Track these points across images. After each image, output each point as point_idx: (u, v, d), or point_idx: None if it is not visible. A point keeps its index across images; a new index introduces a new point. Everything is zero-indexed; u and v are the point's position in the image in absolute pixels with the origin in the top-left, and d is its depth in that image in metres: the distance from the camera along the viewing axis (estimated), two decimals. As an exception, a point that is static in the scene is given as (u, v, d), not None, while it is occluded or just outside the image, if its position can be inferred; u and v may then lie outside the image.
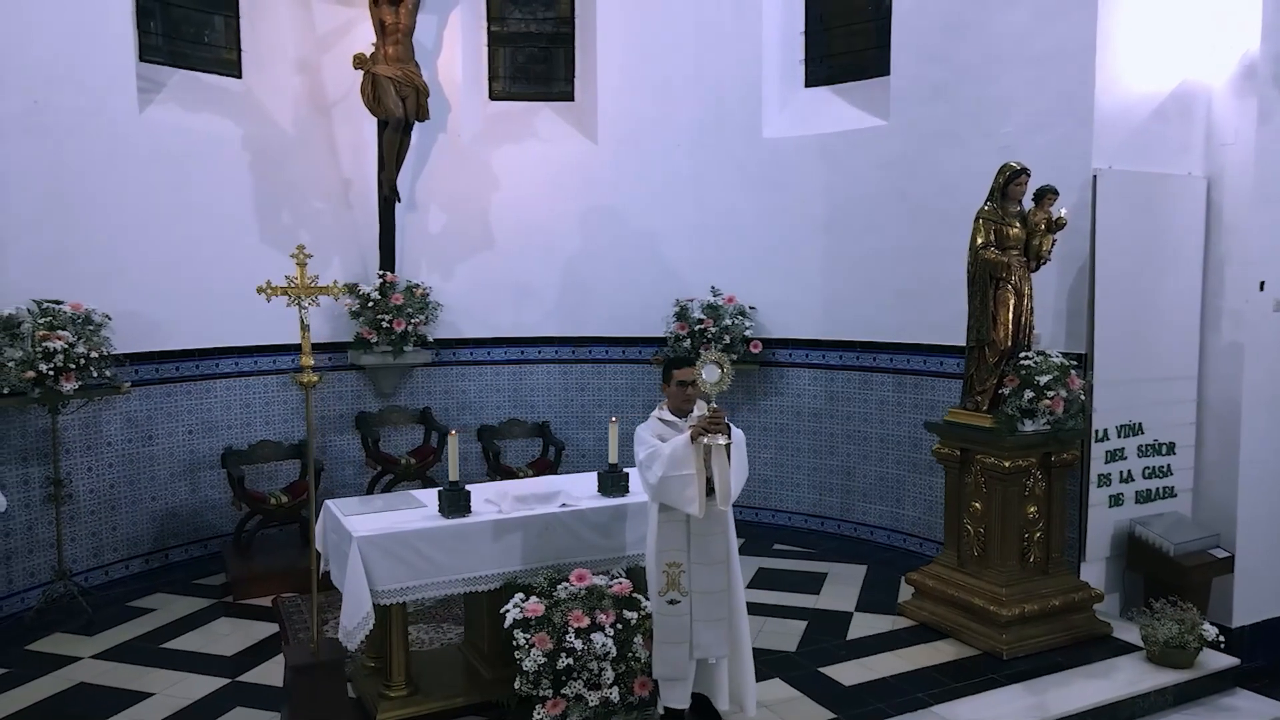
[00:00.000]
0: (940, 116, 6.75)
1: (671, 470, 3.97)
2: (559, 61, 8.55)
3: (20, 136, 5.91)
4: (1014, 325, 5.39)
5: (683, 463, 3.96)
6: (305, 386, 4.27)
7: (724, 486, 3.98)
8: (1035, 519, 5.40)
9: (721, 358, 4.03)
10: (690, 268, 8.02)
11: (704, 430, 3.94)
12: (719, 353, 4.07)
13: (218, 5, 7.43)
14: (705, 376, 4.00)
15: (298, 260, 4.41)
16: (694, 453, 3.96)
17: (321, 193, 7.71)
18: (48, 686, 4.87)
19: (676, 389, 4.26)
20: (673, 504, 4.04)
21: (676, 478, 3.96)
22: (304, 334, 4.34)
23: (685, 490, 3.97)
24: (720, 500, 4.01)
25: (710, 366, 4.00)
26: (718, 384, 4.00)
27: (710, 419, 3.95)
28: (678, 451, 3.97)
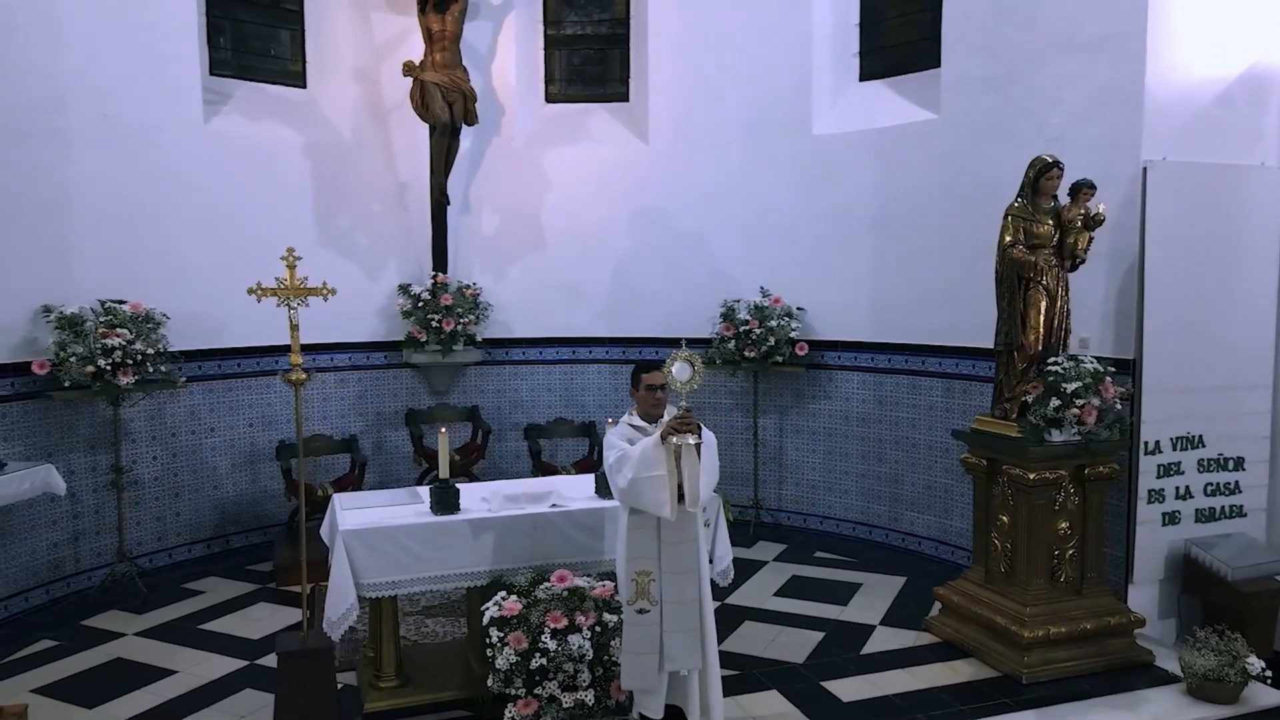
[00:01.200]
0: (990, 108, 6.42)
1: (642, 472, 3.91)
2: (614, 62, 8.58)
3: (90, 148, 6.36)
4: (1045, 329, 5.07)
5: (653, 464, 3.90)
6: (294, 384, 4.42)
7: (694, 488, 3.90)
8: (1066, 535, 5.06)
9: (692, 355, 3.97)
10: (740, 268, 7.89)
11: (674, 430, 3.88)
12: (689, 351, 4.00)
13: (285, 19, 7.80)
14: (676, 374, 3.94)
15: (287, 263, 4.57)
16: (664, 454, 3.90)
17: (378, 196, 7.98)
18: (88, 660, 5.23)
19: (645, 393, 4.21)
20: (644, 507, 3.98)
21: (647, 479, 3.91)
22: (293, 334, 4.52)
23: (657, 492, 3.91)
24: (689, 502, 3.93)
25: (681, 364, 3.94)
26: (688, 382, 3.94)
27: (680, 418, 3.89)
28: (648, 453, 3.92)
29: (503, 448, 8.27)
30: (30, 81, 6.00)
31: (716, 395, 8.12)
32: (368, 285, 7.92)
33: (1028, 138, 6.08)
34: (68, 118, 6.23)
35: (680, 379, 3.93)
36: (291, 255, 4.58)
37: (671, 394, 4.06)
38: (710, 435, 4.03)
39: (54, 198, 6.18)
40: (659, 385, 4.17)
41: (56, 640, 5.51)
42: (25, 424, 6.00)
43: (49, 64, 6.10)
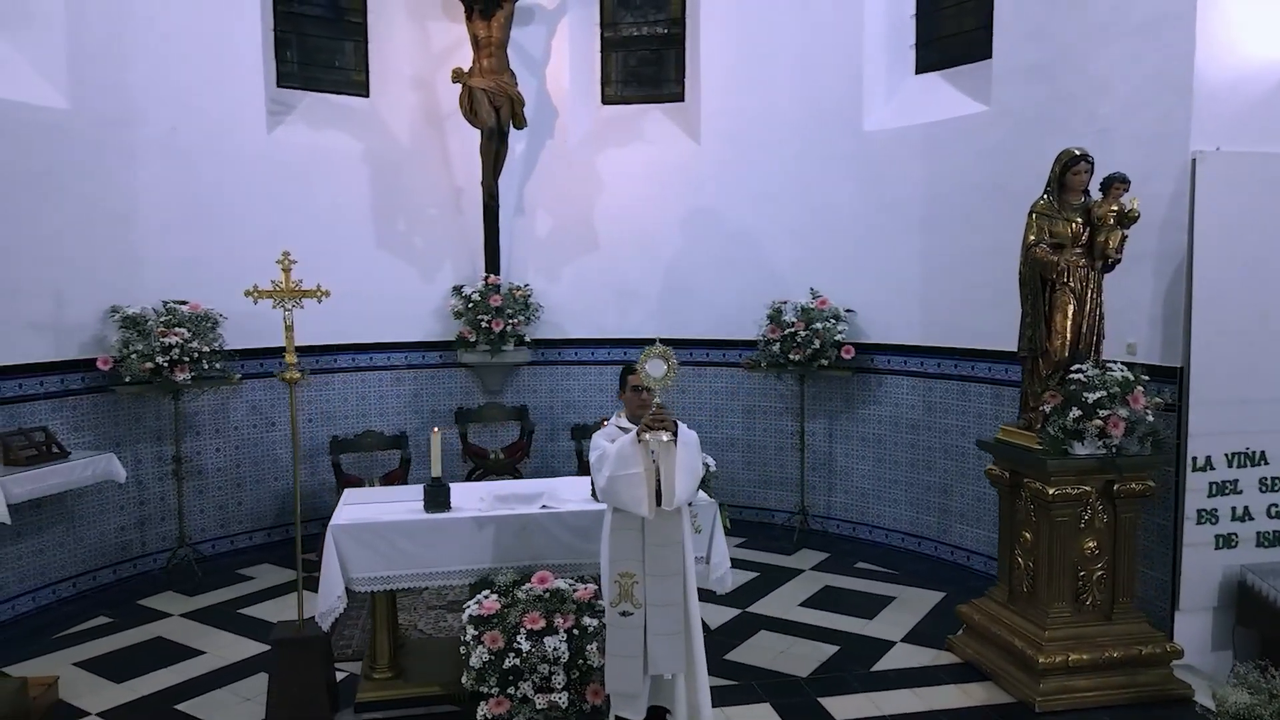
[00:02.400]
0: (1040, 99, 6.06)
1: (619, 470, 3.88)
2: (669, 63, 8.54)
3: (158, 159, 6.81)
4: (1073, 334, 4.75)
5: (629, 462, 3.87)
6: (290, 383, 4.59)
7: (670, 487, 3.84)
8: (1094, 555, 4.72)
9: (666, 352, 3.92)
10: (790, 269, 7.72)
11: (648, 427, 3.84)
12: (664, 347, 3.95)
13: (349, 32, 8.13)
14: (650, 371, 3.91)
15: (283, 266, 4.73)
16: (642, 452, 3.86)
17: (435, 200, 8.21)
18: (132, 637, 5.61)
19: (631, 395, 4.18)
20: (622, 506, 3.96)
21: (624, 477, 3.87)
22: (288, 335, 4.68)
23: (634, 490, 3.87)
24: (665, 501, 3.87)
25: (655, 361, 3.91)
26: (662, 379, 3.89)
27: (654, 415, 3.84)
28: (624, 450, 3.89)
29: (554, 447, 8.36)
30: (102, 97, 6.46)
31: (767, 398, 7.98)
32: (423, 286, 8.16)
33: (1077, 129, 5.71)
34: (138, 130, 6.69)
35: (654, 375, 3.89)
36: (287, 259, 4.77)
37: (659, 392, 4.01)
38: (691, 434, 3.96)
39: (124, 206, 6.64)
40: (642, 387, 4.13)
41: (111, 618, 5.93)
42: (94, 416, 6.48)
43: (120, 80, 6.56)
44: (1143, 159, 5.21)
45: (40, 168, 6.10)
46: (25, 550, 6.03)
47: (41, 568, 6.14)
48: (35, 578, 6.09)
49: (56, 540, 6.24)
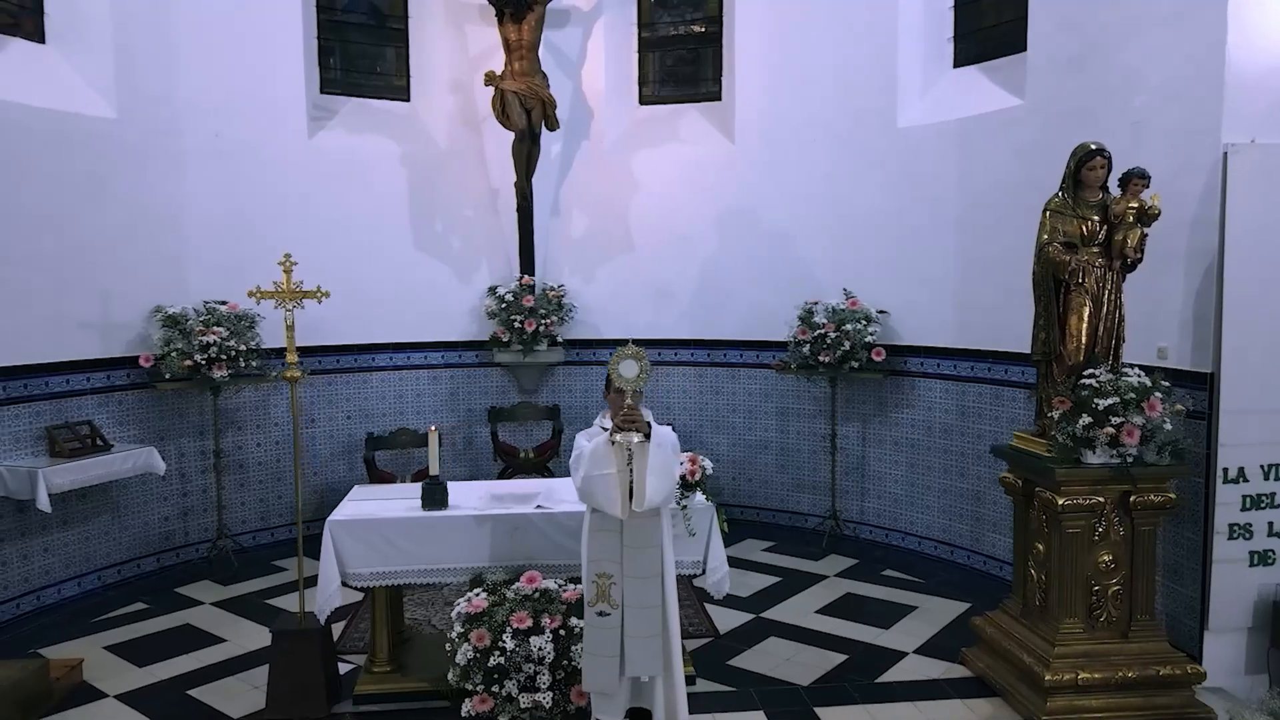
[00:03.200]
0: (1074, 92, 5.81)
1: (593, 470, 3.90)
2: (706, 62, 8.48)
3: (203, 164, 7.08)
4: (1089, 337, 4.53)
5: (603, 462, 3.87)
6: (290, 382, 4.72)
7: (640, 487, 3.82)
8: (1109, 569, 4.50)
9: (639, 353, 3.91)
10: (824, 269, 7.59)
11: (619, 427, 3.83)
12: (635, 348, 3.94)
13: (391, 38, 8.32)
14: (623, 372, 3.90)
15: (284, 267, 4.85)
16: (616, 452, 3.86)
17: (471, 202, 8.33)
18: (163, 624, 5.85)
19: (615, 396, 4.15)
20: (597, 506, 3.96)
21: (598, 477, 3.89)
22: (289, 334, 4.79)
23: (608, 491, 3.88)
24: (635, 502, 3.85)
25: (628, 362, 3.90)
26: (635, 379, 3.89)
27: (624, 416, 3.83)
28: (599, 450, 3.89)
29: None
30: (149, 107, 6.76)
31: (800, 401, 7.86)
32: (460, 287, 8.29)
33: (1110, 123, 5.46)
34: (182, 138, 6.97)
35: (627, 376, 3.89)
36: (288, 260, 4.88)
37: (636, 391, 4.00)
38: (667, 436, 3.93)
39: (169, 210, 6.93)
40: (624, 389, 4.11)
41: (148, 604, 6.20)
42: (139, 410, 6.78)
43: (165, 90, 6.85)
44: (1175, 153, 4.96)
45: (89, 174, 6.41)
46: (72, 538, 6.35)
47: (87, 555, 6.45)
48: (81, 564, 6.41)
49: (102, 529, 6.56)
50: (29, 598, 6.05)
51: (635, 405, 3.90)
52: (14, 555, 5.95)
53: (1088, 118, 5.65)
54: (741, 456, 8.19)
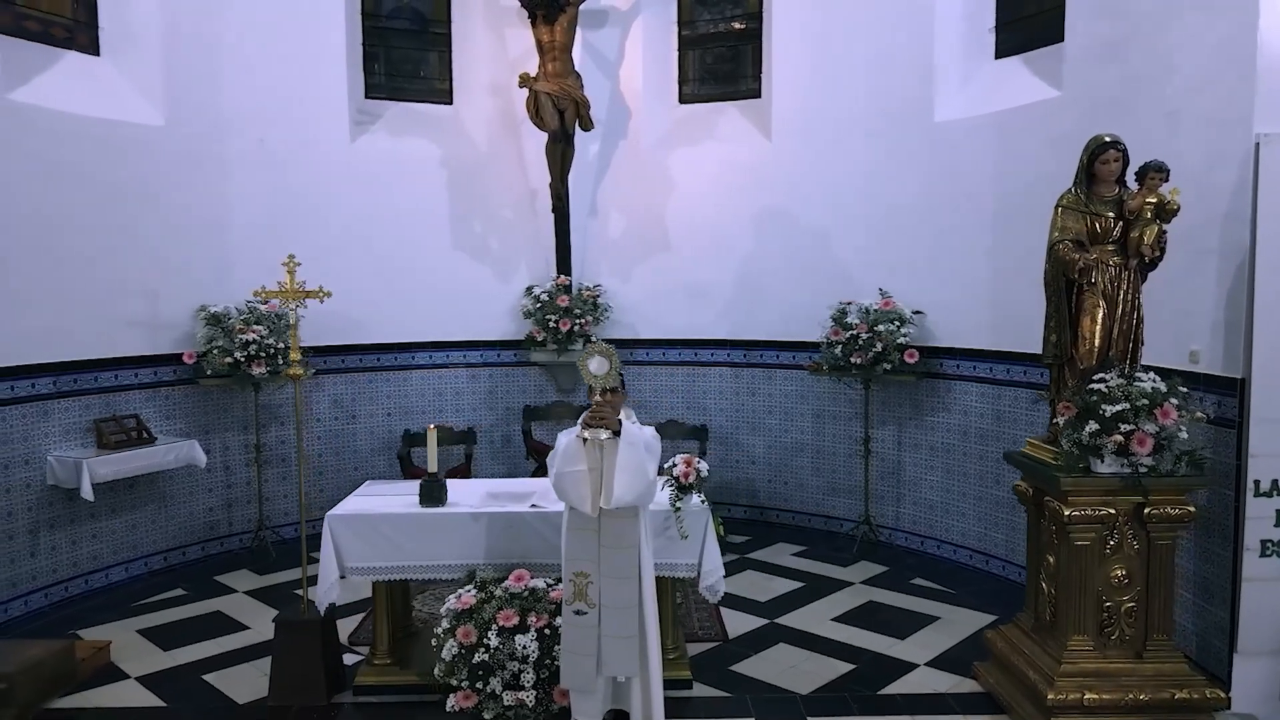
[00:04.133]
0: (1110, 81, 5.53)
1: (564, 466, 3.93)
2: (746, 59, 8.39)
3: (248, 169, 7.35)
4: (1102, 339, 4.31)
5: (574, 459, 3.90)
6: (295, 379, 4.85)
7: (608, 485, 3.81)
8: (1122, 584, 4.26)
9: (608, 349, 3.92)
10: (860, 268, 7.41)
11: (586, 424, 3.84)
12: (604, 344, 3.96)
13: (434, 43, 8.49)
14: (591, 369, 3.92)
15: (288, 268, 4.98)
16: (587, 450, 3.87)
17: (510, 203, 8.43)
18: (196, 610, 6.10)
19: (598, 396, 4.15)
20: (569, 503, 4.00)
21: (569, 474, 3.92)
22: (293, 332, 4.91)
23: (578, 488, 3.91)
24: (603, 499, 3.84)
25: (597, 359, 3.92)
26: (605, 376, 3.90)
27: (591, 412, 3.84)
28: (570, 447, 3.92)
29: (622, 447, 8.38)
30: (196, 114, 7.05)
31: (836, 403, 7.70)
32: (499, 286, 8.39)
33: (1145, 113, 5.19)
34: (228, 144, 7.25)
35: (596, 373, 3.90)
36: (291, 261, 5.00)
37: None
38: (640, 434, 3.91)
39: (215, 213, 7.21)
40: (609, 387, 4.11)
41: (186, 591, 6.47)
42: (185, 405, 7.08)
43: (212, 98, 7.13)
44: (1207, 144, 4.68)
45: (139, 180, 6.72)
46: (120, 525, 6.68)
47: (134, 542, 6.78)
48: (128, 550, 6.73)
49: (149, 517, 6.87)
50: (78, 581, 6.38)
51: (607, 403, 3.89)
52: (64, 541, 6.29)
53: (1124, 108, 5.38)
54: (777, 459, 8.07)
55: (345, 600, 5.65)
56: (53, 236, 6.18)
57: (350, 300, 7.63)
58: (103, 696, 4.81)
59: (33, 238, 6.05)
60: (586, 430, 3.80)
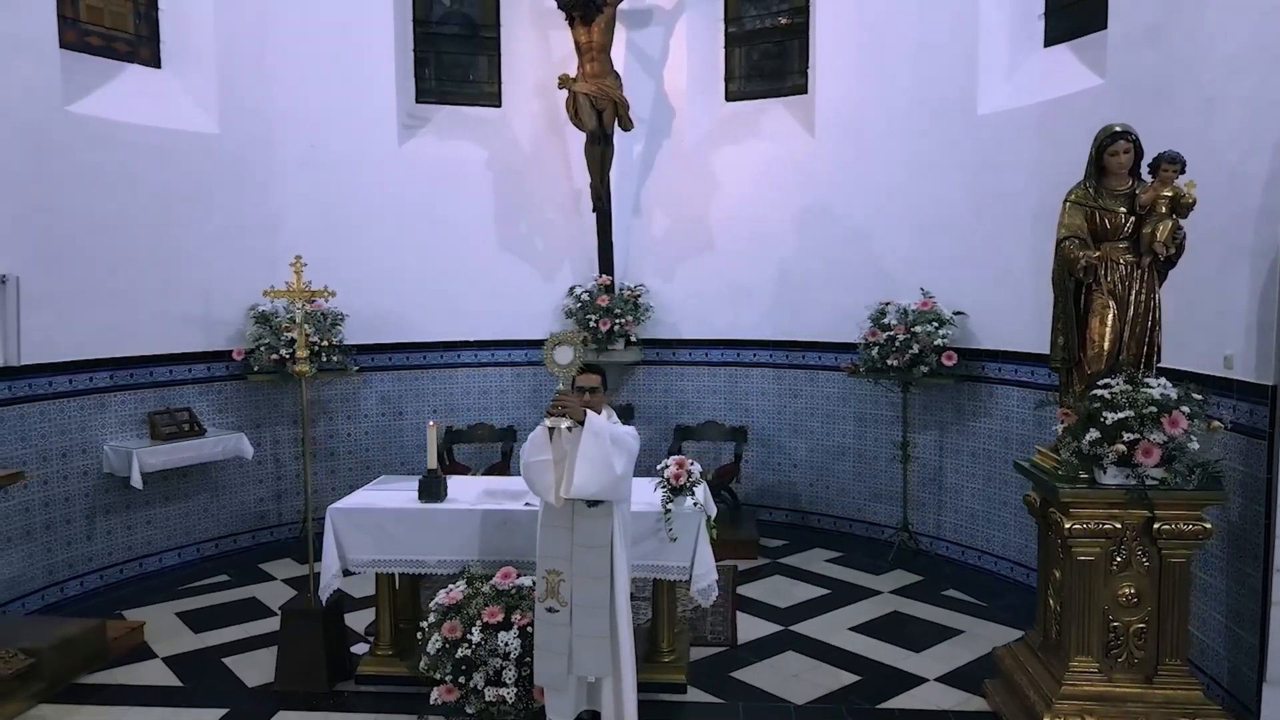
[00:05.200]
0: (1150, 67, 5.20)
1: (531, 456, 3.98)
2: (793, 54, 8.24)
3: (299, 173, 7.65)
4: (1111, 343, 4.05)
5: (540, 449, 3.95)
6: (301, 375, 5.01)
7: (569, 474, 3.81)
8: (1130, 603, 4.00)
9: (574, 338, 3.93)
10: (903, 268, 7.19)
11: (548, 413, 3.86)
12: (568, 332, 3.97)
13: (484, 47, 8.64)
14: (557, 358, 3.95)
15: (295, 268, 5.13)
16: (552, 439, 3.90)
17: (555, 203, 8.50)
18: (233, 595, 6.38)
19: (576, 392, 4.16)
20: (536, 492, 4.05)
21: (534, 463, 3.97)
22: (300, 330, 5.07)
23: (543, 477, 3.97)
24: (563, 489, 3.85)
25: (562, 348, 3.95)
26: (569, 366, 3.92)
27: (555, 401, 3.85)
28: (536, 437, 3.97)
29: (662, 447, 8.34)
30: (248, 121, 7.37)
31: (878, 406, 7.49)
32: (544, 286, 8.48)
33: (1184, 101, 4.87)
34: (280, 149, 7.55)
35: (561, 362, 3.92)
36: (299, 262, 5.15)
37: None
38: (605, 425, 3.88)
39: (268, 216, 7.52)
40: (586, 387, 4.14)
41: (230, 577, 6.78)
42: (237, 399, 7.42)
43: (263, 106, 7.44)
44: (1241, 131, 4.34)
45: (194, 185, 7.07)
46: (174, 512, 7.04)
47: (187, 529, 7.14)
48: (181, 536, 7.09)
49: (202, 506, 7.23)
50: (132, 564, 6.76)
51: (572, 394, 3.90)
52: (119, 526, 6.68)
53: (1164, 96, 5.06)
54: (819, 462, 7.90)
55: (365, 593, 5.83)
56: (111, 239, 6.55)
57: (398, 299, 7.96)
58: (128, 674, 5.08)
59: (92, 240, 6.43)
60: (549, 419, 3.82)
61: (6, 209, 5.86)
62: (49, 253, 6.13)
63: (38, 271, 6.03)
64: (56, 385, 6.24)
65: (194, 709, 4.66)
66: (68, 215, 6.27)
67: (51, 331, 6.13)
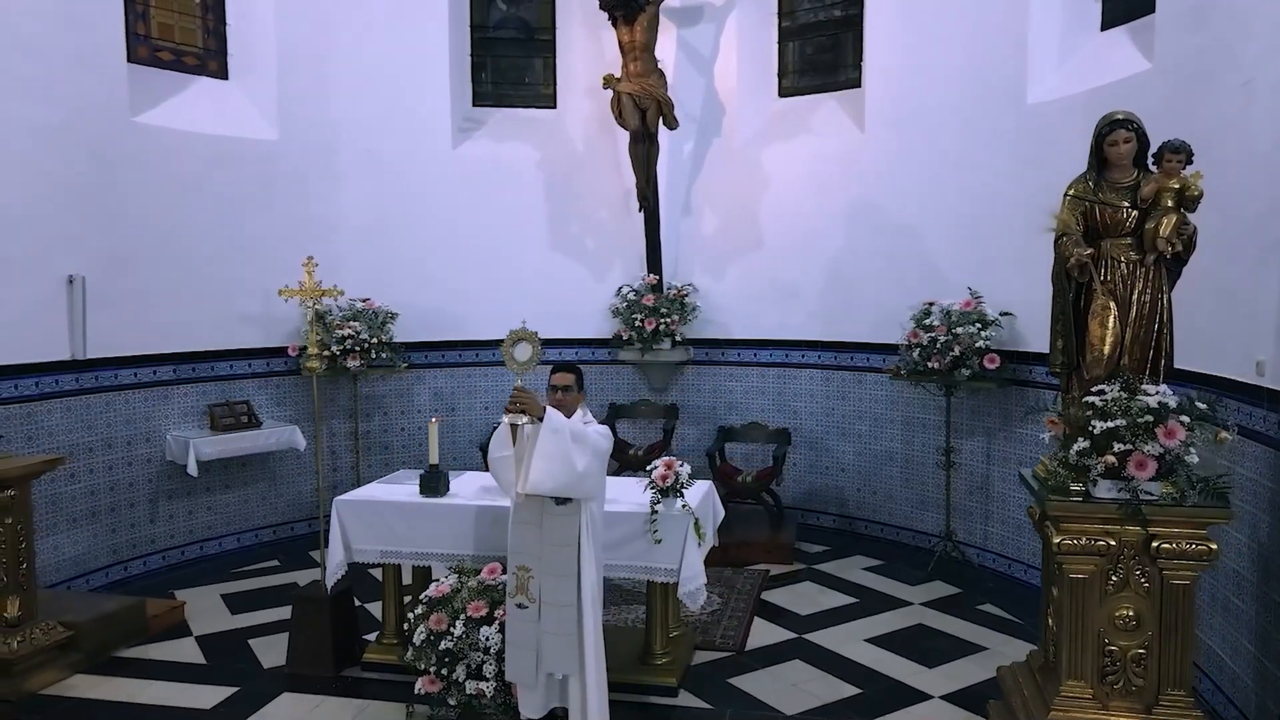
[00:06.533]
0: (1195, 49, 4.84)
1: (494, 452, 4.07)
2: (847, 47, 8.02)
3: (356, 178, 7.95)
4: (1112, 347, 3.78)
5: (502, 444, 4.03)
6: (312, 372, 5.20)
7: (525, 470, 3.84)
8: (1128, 626, 3.72)
9: (531, 335, 3.96)
10: (952, 266, 6.91)
11: (506, 409, 3.90)
12: (526, 329, 4.00)
13: (539, 50, 8.77)
14: (515, 355, 4.00)
15: (307, 269, 5.31)
16: (516, 436, 3.95)
17: (606, 203, 8.54)
18: (277, 580, 6.71)
19: (549, 392, 4.20)
20: (501, 487, 4.15)
21: (499, 459, 4.06)
22: (311, 328, 5.26)
23: (505, 473, 4.06)
24: (519, 484, 3.88)
25: (522, 345, 4.01)
26: (527, 363, 3.97)
27: (512, 397, 3.89)
28: (499, 433, 4.04)
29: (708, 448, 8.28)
30: (308, 128, 7.71)
31: (926, 410, 7.22)
32: (594, 285, 8.54)
33: (1226, 83, 4.52)
34: (337, 155, 7.88)
35: (520, 359, 3.97)
36: (310, 263, 5.34)
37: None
38: (564, 422, 3.89)
39: (326, 218, 7.85)
40: (559, 386, 4.18)
41: (280, 562, 7.11)
42: (294, 393, 7.78)
43: (323, 113, 7.77)
44: (1275, 117, 3.97)
45: (256, 189, 7.45)
46: (233, 500, 7.45)
47: (246, 515, 7.53)
48: (240, 522, 7.49)
49: (260, 494, 7.61)
50: (192, 547, 7.19)
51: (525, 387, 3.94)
52: (180, 511, 7.11)
53: (1206, 80, 4.71)
54: (867, 467, 7.67)
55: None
56: (176, 241, 6.98)
57: (451, 298, 8.17)
58: (162, 650, 5.40)
59: (158, 242, 6.86)
60: (507, 415, 3.86)
61: (75, 214, 6.32)
62: (115, 255, 6.58)
63: (104, 273, 6.48)
64: (122, 378, 6.69)
65: (209, 686, 4.91)
66: (133, 220, 6.71)
67: (117, 328, 6.58)
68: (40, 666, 4.88)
